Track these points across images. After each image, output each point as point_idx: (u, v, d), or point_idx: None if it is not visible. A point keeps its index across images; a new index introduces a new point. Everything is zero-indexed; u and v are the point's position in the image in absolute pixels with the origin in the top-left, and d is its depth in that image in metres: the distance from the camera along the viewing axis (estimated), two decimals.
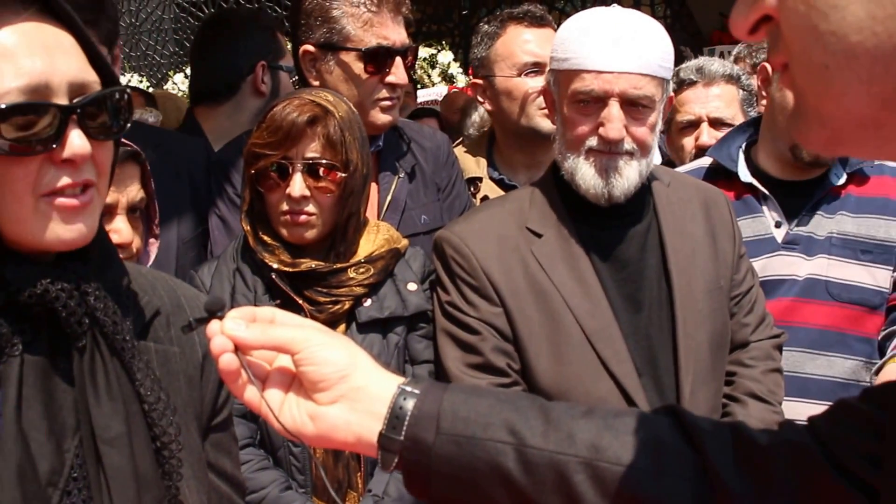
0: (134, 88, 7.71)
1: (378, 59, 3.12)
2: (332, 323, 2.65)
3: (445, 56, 11.59)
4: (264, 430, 2.67)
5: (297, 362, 1.40)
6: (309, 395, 1.41)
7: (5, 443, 1.37)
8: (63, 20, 1.47)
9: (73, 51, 1.46)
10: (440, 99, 8.72)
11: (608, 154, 2.59)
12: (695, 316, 2.66)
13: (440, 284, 2.72)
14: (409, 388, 1.41)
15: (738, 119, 4.05)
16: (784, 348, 2.93)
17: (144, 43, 15.21)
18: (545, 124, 3.52)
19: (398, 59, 3.16)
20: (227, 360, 1.39)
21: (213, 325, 1.41)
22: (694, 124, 4.11)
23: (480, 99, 3.83)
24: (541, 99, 3.38)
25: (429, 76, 11.44)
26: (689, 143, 4.11)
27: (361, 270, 2.71)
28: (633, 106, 2.58)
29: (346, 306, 2.70)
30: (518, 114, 3.65)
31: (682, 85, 4.14)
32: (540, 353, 2.60)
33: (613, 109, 2.56)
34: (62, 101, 1.42)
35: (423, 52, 11.06)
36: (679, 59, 3.57)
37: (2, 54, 1.38)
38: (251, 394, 1.42)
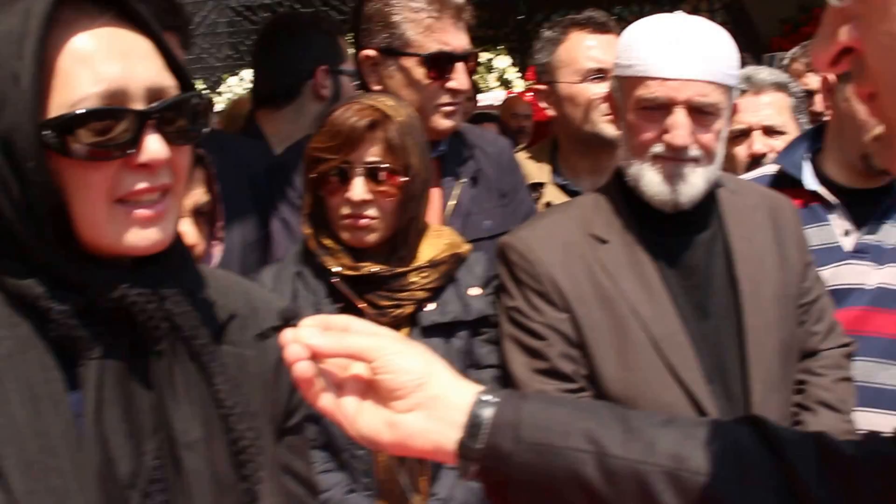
0: None
1: (439, 64, 3.11)
2: (394, 327, 2.63)
3: (502, 61, 11.60)
4: (328, 432, 2.67)
5: (374, 370, 1.39)
6: (385, 402, 1.41)
7: (86, 444, 1.38)
8: (139, 25, 1.48)
9: (150, 56, 1.47)
10: (497, 104, 8.72)
11: (674, 160, 2.56)
12: (764, 324, 2.63)
13: (505, 290, 2.71)
14: (486, 397, 1.40)
15: (790, 126, 4.01)
16: (855, 358, 2.88)
17: (199, 46, 15.31)
18: (609, 130, 3.49)
19: (460, 65, 3.15)
20: (303, 368, 1.39)
21: (288, 333, 1.41)
22: (745, 133, 4.06)
23: (544, 104, 3.82)
24: (605, 105, 3.34)
25: (485, 81, 11.45)
26: (740, 151, 4.05)
27: (424, 274, 2.71)
28: (699, 112, 2.55)
29: (408, 310, 2.70)
30: (582, 120, 3.65)
31: None
32: (606, 359, 2.58)
33: (679, 116, 2.53)
34: (139, 106, 1.42)
35: (480, 56, 11.11)
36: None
37: (80, 59, 1.39)
38: (327, 401, 1.42)
